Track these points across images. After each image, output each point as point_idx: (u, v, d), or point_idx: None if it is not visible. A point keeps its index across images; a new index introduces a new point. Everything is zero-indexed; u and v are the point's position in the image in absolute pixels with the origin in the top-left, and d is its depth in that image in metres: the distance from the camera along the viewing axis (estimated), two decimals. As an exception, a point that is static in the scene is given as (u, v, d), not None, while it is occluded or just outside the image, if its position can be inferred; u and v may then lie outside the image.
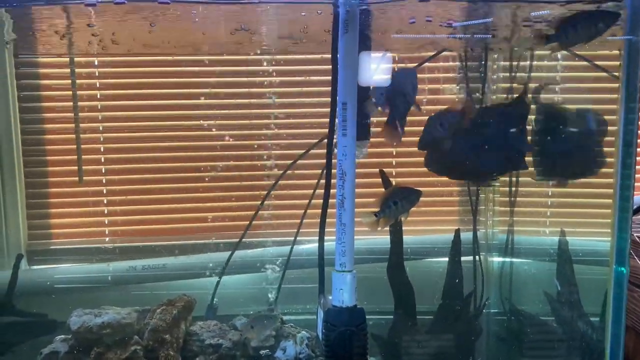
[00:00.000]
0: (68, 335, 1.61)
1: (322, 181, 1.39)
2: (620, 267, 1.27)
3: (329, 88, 1.23)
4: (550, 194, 1.98)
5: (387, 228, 1.75)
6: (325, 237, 1.32)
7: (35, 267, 2.06)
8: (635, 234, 1.70)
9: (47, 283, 1.98)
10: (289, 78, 2.04)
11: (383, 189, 1.73)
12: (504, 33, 1.64)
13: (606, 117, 1.76)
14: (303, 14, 1.33)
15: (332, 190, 1.27)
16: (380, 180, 1.72)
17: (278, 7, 1.30)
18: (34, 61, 2.00)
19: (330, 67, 1.22)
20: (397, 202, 1.44)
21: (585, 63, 1.77)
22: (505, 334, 1.95)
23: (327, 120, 1.26)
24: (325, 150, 1.33)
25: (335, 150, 1.20)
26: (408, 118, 1.43)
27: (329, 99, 1.24)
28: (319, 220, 1.33)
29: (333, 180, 1.24)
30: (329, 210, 1.31)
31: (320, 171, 1.78)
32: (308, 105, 2.03)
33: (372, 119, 1.45)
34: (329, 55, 1.22)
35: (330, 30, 1.20)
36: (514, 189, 1.95)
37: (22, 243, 2.05)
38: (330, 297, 1.23)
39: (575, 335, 1.70)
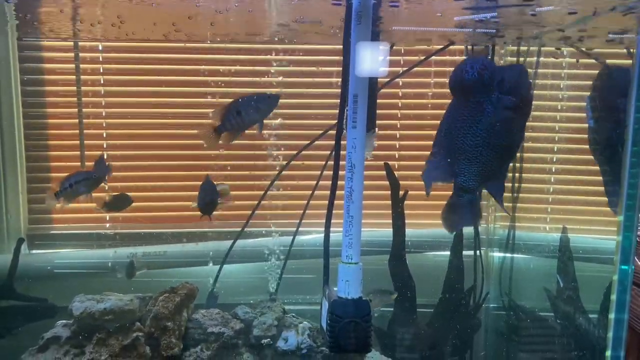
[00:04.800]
0: (69, 320, 1.61)
1: (327, 172, 1.39)
2: (624, 266, 1.27)
3: (336, 80, 1.22)
4: (551, 190, 1.99)
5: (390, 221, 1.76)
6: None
7: (35, 251, 2.06)
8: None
9: (47, 268, 1.99)
10: (297, 68, 2.03)
11: (388, 183, 1.73)
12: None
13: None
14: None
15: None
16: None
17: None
18: (38, 45, 1.99)
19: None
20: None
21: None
22: (505, 329, 1.96)
23: (332, 112, 1.25)
24: (331, 142, 1.32)
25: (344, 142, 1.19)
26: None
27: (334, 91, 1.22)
28: (324, 211, 1.33)
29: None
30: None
31: (324, 163, 1.78)
32: (316, 96, 2.02)
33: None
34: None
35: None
36: (516, 184, 1.96)
37: (23, 227, 2.05)
38: (335, 289, 1.23)
39: (574, 331, 1.71)
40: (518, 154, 1.95)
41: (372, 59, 1.16)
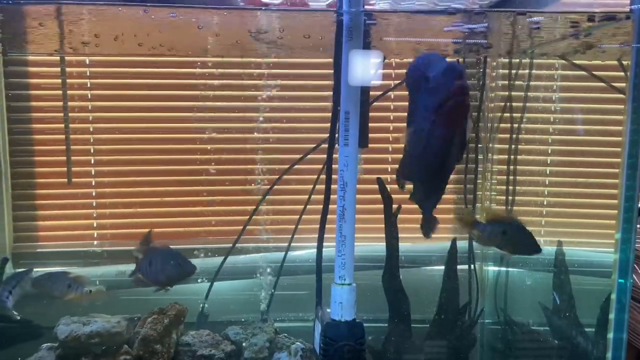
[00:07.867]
0: (55, 343, 1.57)
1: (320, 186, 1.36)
2: (621, 279, 1.25)
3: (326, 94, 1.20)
4: (545, 203, 1.97)
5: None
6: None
7: (20, 270, 2.00)
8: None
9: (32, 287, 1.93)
10: (287, 82, 2.00)
11: (381, 197, 1.70)
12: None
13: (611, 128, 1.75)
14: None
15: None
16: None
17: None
18: (23, 59, 1.95)
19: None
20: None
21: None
22: (500, 345, 1.93)
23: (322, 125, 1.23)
24: (322, 156, 1.30)
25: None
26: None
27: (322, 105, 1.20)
28: (317, 226, 1.30)
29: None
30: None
31: (315, 177, 1.76)
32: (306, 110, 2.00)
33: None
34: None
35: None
36: (510, 198, 1.94)
37: (8, 245, 2.00)
38: (328, 310, 1.20)
39: (571, 347, 1.68)
40: (512, 167, 1.94)
41: (364, 75, 1.14)
